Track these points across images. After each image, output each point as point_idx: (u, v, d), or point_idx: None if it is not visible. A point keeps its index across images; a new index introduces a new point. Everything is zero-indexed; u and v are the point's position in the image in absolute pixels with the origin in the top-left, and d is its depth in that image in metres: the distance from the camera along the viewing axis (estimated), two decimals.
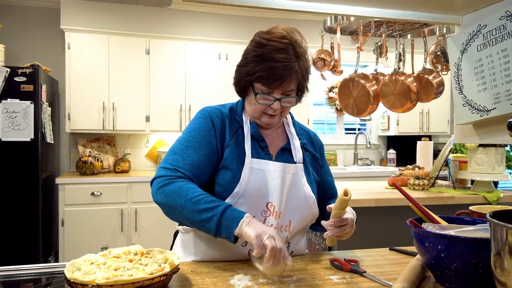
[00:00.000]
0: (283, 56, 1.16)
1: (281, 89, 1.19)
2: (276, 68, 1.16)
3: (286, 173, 1.24)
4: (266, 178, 1.21)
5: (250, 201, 1.18)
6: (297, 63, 1.19)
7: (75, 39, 3.80)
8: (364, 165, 4.93)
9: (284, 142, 1.33)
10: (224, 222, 1.05)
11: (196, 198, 1.08)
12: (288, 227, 1.24)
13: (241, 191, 1.18)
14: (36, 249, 3.31)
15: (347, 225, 1.16)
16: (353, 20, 2.73)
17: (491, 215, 0.83)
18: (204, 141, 1.21)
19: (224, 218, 1.05)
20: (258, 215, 1.20)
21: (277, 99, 1.20)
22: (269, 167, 1.23)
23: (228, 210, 1.07)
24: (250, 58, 1.20)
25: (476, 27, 1.43)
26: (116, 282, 0.88)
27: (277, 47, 1.17)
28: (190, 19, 4.11)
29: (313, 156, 1.37)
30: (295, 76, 1.20)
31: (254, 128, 1.27)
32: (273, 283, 1.04)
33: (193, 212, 1.08)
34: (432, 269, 1.02)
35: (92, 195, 3.56)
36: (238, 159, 1.22)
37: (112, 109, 3.90)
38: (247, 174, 1.19)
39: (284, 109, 1.24)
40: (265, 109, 1.22)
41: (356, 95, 2.77)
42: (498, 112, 1.38)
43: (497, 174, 2.44)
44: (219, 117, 1.26)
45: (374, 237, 2.27)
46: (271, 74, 1.16)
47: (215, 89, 4.16)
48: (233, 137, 1.25)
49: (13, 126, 3.23)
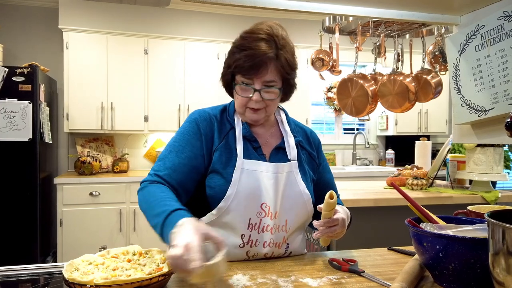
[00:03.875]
0: (261, 44, 1.15)
1: (259, 77, 1.17)
2: (253, 55, 1.14)
3: (279, 173, 1.23)
4: (258, 179, 1.20)
5: (244, 203, 1.18)
6: (275, 51, 1.16)
7: (73, 39, 3.80)
8: (362, 165, 4.94)
9: (278, 141, 1.31)
10: (165, 227, 1.00)
11: (153, 203, 1.07)
12: (284, 226, 1.24)
13: (233, 194, 1.17)
14: (34, 249, 3.30)
15: (338, 225, 1.17)
16: (352, 20, 2.73)
17: (489, 215, 0.83)
18: (188, 144, 1.21)
19: (165, 224, 1.00)
20: (254, 216, 1.19)
21: (257, 90, 1.18)
22: (261, 167, 1.22)
23: (171, 216, 1.00)
24: (231, 51, 1.21)
25: (474, 27, 1.43)
26: (114, 282, 0.88)
27: (257, 38, 1.16)
28: (188, 19, 4.11)
29: (310, 154, 1.35)
30: (274, 65, 1.17)
31: (246, 128, 1.26)
32: (272, 283, 1.04)
33: (148, 217, 1.08)
34: (430, 269, 1.02)
35: (91, 195, 3.56)
36: (229, 161, 1.21)
37: (111, 109, 3.89)
38: (238, 176, 1.18)
39: (268, 103, 1.21)
40: (247, 102, 1.21)
41: (355, 95, 2.77)
42: (496, 112, 1.38)
43: (495, 174, 2.45)
44: (207, 121, 1.25)
45: (372, 237, 2.27)
46: (247, 62, 1.15)
47: (214, 89, 4.15)
48: (223, 140, 1.24)
49: (11, 126, 3.22)
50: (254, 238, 1.20)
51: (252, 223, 1.19)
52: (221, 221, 1.19)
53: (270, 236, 1.21)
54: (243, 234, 1.19)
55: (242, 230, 1.19)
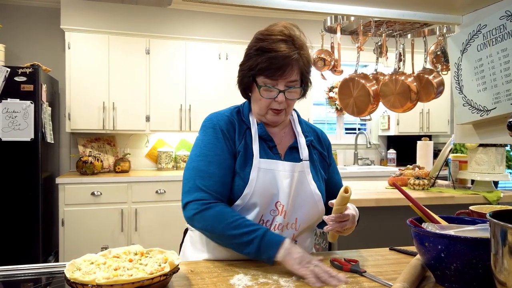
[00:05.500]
0: (283, 46, 1.18)
1: (284, 79, 1.19)
2: (277, 57, 1.17)
3: (294, 172, 1.25)
4: (275, 178, 1.22)
5: (260, 202, 1.20)
6: (297, 52, 1.20)
7: (75, 39, 3.80)
8: (364, 165, 4.93)
9: (291, 140, 1.33)
10: (264, 245, 1.10)
11: (235, 223, 1.13)
12: (294, 224, 1.25)
13: (250, 193, 1.19)
14: (36, 249, 3.31)
15: (348, 220, 1.18)
16: (353, 20, 2.72)
17: (491, 215, 0.83)
18: (223, 152, 1.23)
19: (264, 241, 1.11)
20: (267, 214, 1.22)
21: (281, 91, 1.20)
22: (278, 166, 1.24)
23: (268, 233, 1.12)
24: (251, 53, 1.22)
25: (476, 27, 1.43)
26: (116, 282, 0.88)
27: (277, 39, 1.19)
28: (190, 19, 4.11)
29: (321, 154, 1.37)
30: (297, 65, 1.20)
31: (262, 128, 1.28)
32: (274, 283, 1.04)
33: (233, 236, 1.13)
34: (432, 269, 1.02)
35: (92, 195, 3.56)
36: (247, 161, 1.23)
37: (112, 109, 3.90)
38: (255, 176, 1.20)
39: (289, 103, 1.24)
40: (270, 103, 1.22)
41: (356, 95, 2.77)
42: (498, 112, 1.38)
43: (497, 174, 2.44)
44: (228, 124, 1.26)
45: (374, 237, 2.27)
46: (272, 64, 1.17)
47: (215, 89, 4.16)
48: (243, 140, 1.26)
49: (13, 126, 3.23)
50: None
51: (264, 220, 1.22)
52: None
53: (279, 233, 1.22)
54: None
55: None
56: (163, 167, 4.23)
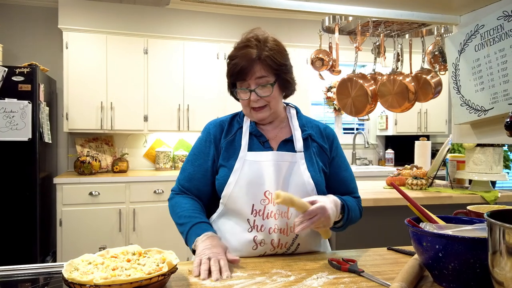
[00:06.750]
0: (246, 50, 1.25)
1: (250, 78, 1.26)
2: (240, 61, 1.25)
3: (280, 161, 1.29)
4: (260, 168, 1.28)
5: (246, 191, 1.26)
6: (257, 50, 1.25)
7: (73, 38, 3.79)
8: (362, 164, 4.94)
9: (288, 135, 1.37)
10: (189, 236, 1.24)
11: (179, 214, 1.30)
12: (286, 213, 1.27)
13: (234, 181, 1.27)
14: (34, 249, 3.30)
15: (318, 214, 1.17)
16: (351, 20, 2.73)
17: (489, 215, 0.83)
18: (200, 152, 1.37)
19: (190, 233, 1.24)
20: (257, 203, 1.26)
21: (252, 90, 1.27)
22: (262, 157, 1.29)
23: (196, 226, 1.25)
24: (227, 63, 1.32)
25: (473, 27, 1.43)
26: (114, 282, 0.88)
27: (242, 46, 1.27)
28: (188, 19, 4.11)
29: (321, 147, 1.38)
30: (259, 63, 1.25)
31: (252, 126, 1.35)
32: (271, 283, 1.04)
33: (177, 225, 1.30)
34: (430, 268, 1.03)
35: (90, 195, 3.56)
36: (233, 154, 1.31)
37: (110, 108, 3.89)
38: (240, 166, 1.28)
39: (267, 100, 1.28)
40: (248, 103, 1.30)
41: (354, 95, 2.77)
42: (496, 112, 1.38)
43: (494, 174, 2.45)
44: (217, 126, 1.38)
45: (372, 236, 2.28)
46: (236, 67, 1.26)
47: (213, 88, 4.15)
48: (231, 138, 1.35)
49: (11, 125, 3.22)
50: (259, 224, 1.26)
51: (256, 209, 1.26)
52: (229, 208, 1.30)
53: (275, 222, 1.26)
54: (248, 219, 1.26)
55: (247, 215, 1.26)
56: (161, 167, 4.22)
